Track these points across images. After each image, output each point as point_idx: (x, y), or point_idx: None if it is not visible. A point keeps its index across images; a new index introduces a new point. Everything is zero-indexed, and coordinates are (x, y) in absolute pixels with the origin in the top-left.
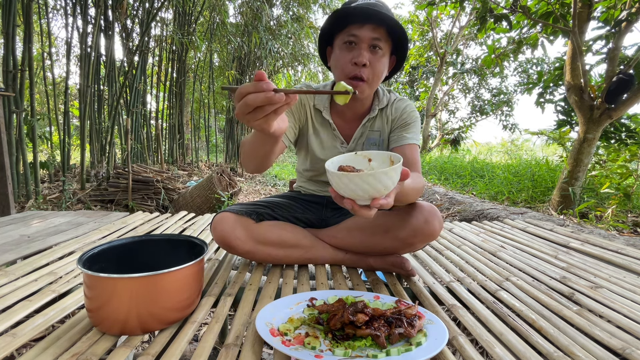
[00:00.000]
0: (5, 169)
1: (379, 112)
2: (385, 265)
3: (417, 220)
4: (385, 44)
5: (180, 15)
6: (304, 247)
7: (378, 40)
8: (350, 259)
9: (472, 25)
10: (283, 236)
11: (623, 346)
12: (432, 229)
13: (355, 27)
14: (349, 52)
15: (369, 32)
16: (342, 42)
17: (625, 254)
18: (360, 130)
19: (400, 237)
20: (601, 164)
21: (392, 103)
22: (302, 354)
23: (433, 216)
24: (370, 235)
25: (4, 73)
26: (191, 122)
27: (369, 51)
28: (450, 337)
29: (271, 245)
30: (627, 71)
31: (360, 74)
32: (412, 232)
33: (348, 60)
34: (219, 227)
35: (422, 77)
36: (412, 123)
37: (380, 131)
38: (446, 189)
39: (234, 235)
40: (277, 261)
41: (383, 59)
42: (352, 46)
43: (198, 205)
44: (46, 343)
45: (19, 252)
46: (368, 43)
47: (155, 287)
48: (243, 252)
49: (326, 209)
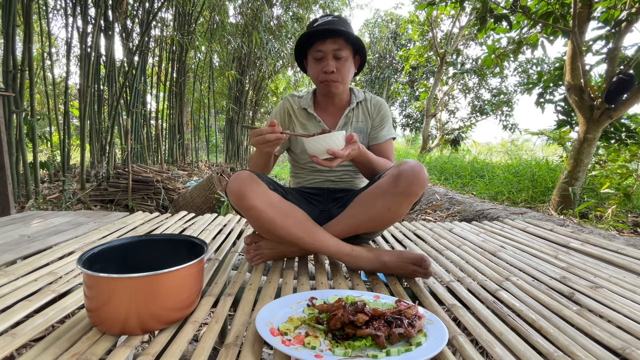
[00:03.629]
0: (5, 169)
1: (358, 104)
2: (401, 263)
3: (404, 170)
4: (346, 50)
5: (181, 16)
6: (309, 227)
7: (339, 50)
8: (358, 255)
9: (472, 25)
10: (292, 207)
11: (623, 346)
12: (419, 172)
13: (320, 43)
14: (319, 64)
15: (331, 45)
16: (312, 57)
17: (625, 254)
18: (343, 119)
19: (399, 191)
20: (601, 164)
21: (370, 99)
22: (302, 353)
23: (416, 164)
24: (371, 201)
25: (4, 73)
26: (191, 122)
27: (334, 60)
28: (450, 337)
29: (280, 210)
30: (627, 71)
31: (330, 79)
32: (406, 182)
33: (319, 70)
34: (237, 179)
35: (422, 77)
36: (387, 119)
37: (364, 122)
38: (446, 189)
39: (250, 187)
40: (279, 230)
41: (347, 63)
42: (321, 59)
43: (198, 205)
44: (46, 343)
45: (19, 252)
46: (332, 54)
47: (155, 287)
48: (251, 205)
49: (327, 200)
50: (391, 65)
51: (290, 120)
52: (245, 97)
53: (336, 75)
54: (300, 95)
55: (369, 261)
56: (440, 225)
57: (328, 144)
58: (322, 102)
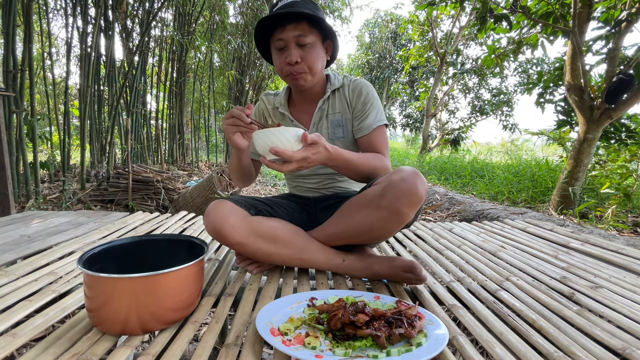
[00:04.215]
0: (5, 169)
1: (333, 93)
2: (392, 271)
3: (394, 181)
4: (311, 36)
5: (181, 16)
6: (297, 246)
7: (302, 36)
8: (350, 267)
9: (472, 25)
10: (277, 230)
11: (623, 346)
12: (412, 187)
13: (279, 31)
14: (282, 54)
15: (291, 32)
16: (274, 47)
17: (625, 254)
18: (318, 114)
19: (384, 205)
20: (601, 164)
21: (348, 84)
22: (303, 353)
23: (411, 175)
24: (355, 211)
25: (4, 73)
26: (191, 122)
27: (298, 48)
28: (450, 337)
29: (263, 238)
30: (627, 71)
31: (295, 70)
32: (393, 195)
33: (283, 62)
34: (212, 213)
35: (422, 77)
36: (370, 103)
37: (342, 112)
38: (446, 189)
39: (227, 223)
40: (266, 257)
41: (313, 50)
42: (283, 49)
43: (198, 205)
44: (46, 343)
45: (19, 252)
46: (294, 42)
47: (155, 287)
48: (234, 242)
49: (315, 209)
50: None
51: (267, 123)
52: (245, 97)
53: (302, 65)
54: (275, 93)
55: (360, 271)
56: (440, 225)
57: (271, 141)
58: (296, 99)
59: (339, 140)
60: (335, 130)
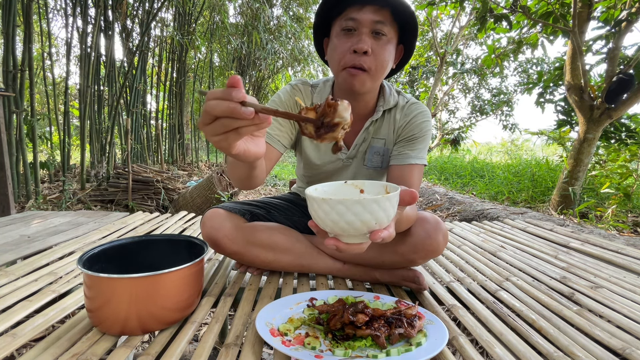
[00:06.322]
0: (5, 169)
1: (384, 114)
2: (394, 279)
3: (418, 235)
4: (391, 29)
5: (181, 16)
6: (297, 252)
7: (382, 24)
8: (351, 271)
9: (472, 25)
10: (274, 237)
11: (623, 346)
12: (434, 244)
13: (354, 9)
14: (347, 40)
15: (370, 15)
16: (339, 28)
17: (625, 254)
18: (363, 135)
19: (400, 252)
20: (601, 164)
21: (403, 106)
22: (302, 354)
23: (436, 230)
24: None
25: (4, 73)
26: (191, 122)
27: (371, 37)
28: (450, 337)
29: (260, 246)
30: (627, 71)
31: (360, 62)
32: (412, 248)
33: (347, 48)
34: (208, 224)
35: (422, 77)
36: (421, 138)
37: (386, 139)
38: (446, 189)
39: (222, 233)
40: (265, 265)
41: (388, 46)
42: (352, 32)
43: (198, 205)
44: (46, 343)
45: (19, 252)
46: (370, 28)
47: (155, 287)
48: (231, 252)
49: None
50: None
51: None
52: None
53: (369, 59)
54: (314, 84)
55: (360, 276)
56: None
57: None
58: None
59: (374, 169)
60: (372, 158)
